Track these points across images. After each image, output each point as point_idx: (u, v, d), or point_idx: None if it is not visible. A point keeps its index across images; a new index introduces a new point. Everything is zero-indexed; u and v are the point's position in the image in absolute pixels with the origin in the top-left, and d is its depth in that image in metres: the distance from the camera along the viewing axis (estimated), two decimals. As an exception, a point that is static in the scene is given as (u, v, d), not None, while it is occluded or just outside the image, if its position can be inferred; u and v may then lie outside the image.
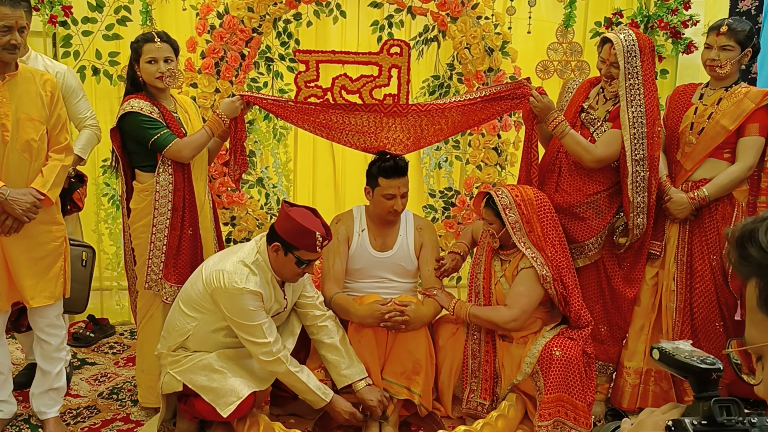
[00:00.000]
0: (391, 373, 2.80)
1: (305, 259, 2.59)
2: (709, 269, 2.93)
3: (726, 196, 2.91)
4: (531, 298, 2.79)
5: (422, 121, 2.94)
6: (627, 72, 2.81)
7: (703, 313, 2.96)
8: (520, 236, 2.81)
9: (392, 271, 3.04)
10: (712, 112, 2.90)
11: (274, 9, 3.49)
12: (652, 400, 3.11)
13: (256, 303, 2.56)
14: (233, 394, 2.58)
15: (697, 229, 2.97)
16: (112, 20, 3.60)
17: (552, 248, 2.81)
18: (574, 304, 2.84)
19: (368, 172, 3.00)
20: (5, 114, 2.57)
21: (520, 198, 2.82)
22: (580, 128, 3.00)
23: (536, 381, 2.78)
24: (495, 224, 2.86)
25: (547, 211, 2.85)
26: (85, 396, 3.22)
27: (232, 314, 2.57)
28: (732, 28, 2.84)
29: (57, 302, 2.79)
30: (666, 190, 2.98)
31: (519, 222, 2.80)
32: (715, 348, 2.94)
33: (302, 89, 3.28)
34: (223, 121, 2.87)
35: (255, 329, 2.57)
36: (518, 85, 2.92)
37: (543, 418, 2.69)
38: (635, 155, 2.84)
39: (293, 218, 2.55)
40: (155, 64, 2.81)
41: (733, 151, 2.90)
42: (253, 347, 2.61)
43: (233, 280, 2.53)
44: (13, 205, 2.57)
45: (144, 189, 2.88)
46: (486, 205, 2.89)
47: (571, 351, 2.74)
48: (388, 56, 3.37)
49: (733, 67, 2.88)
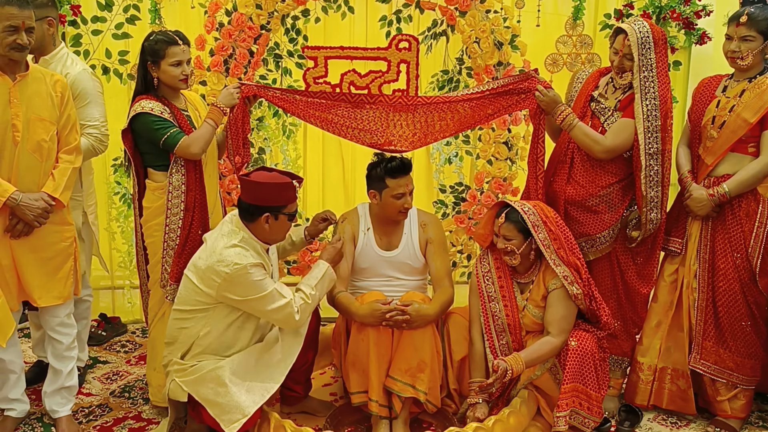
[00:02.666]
0: (396, 371, 2.78)
1: (293, 211, 2.64)
2: (733, 267, 2.85)
3: (750, 192, 2.80)
4: (572, 318, 2.76)
5: (428, 117, 2.91)
6: (641, 64, 2.76)
7: (729, 311, 2.88)
8: (551, 253, 2.73)
9: (399, 269, 3.03)
10: (735, 105, 2.80)
11: (282, 6, 3.48)
12: (668, 399, 3.06)
13: (261, 272, 2.55)
14: (238, 411, 2.51)
15: (720, 226, 2.88)
16: (122, 19, 3.61)
17: (581, 262, 2.77)
18: (603, 316, 2.79)
19: (370, 176, 2.96)
20: (16, 114, 2.58)
21: (544, 215, 2.75)
22: (590, 118, 2.96)
23: (555, 374, 2.77)
24: (516, 240, 2.75)
25: (565, 228, 2.81)
26: (97, 394, 3.23)
27: (245, 295, 2.54)
28: (752, 17, 2.73)
29: (67, 302, 2.81)
30: (687, 186, 2.92)
31: (548, 239, 2.73)
32: (744, 347, 2.89)
33: (311, 85, 3.27)
34: (222, 111, 2.85)
35: (271, 296, 2.56)
36: (526, 77, 2.89)
37: (561, 409, 2.66)
38: (649, 149, 2.79)
39: (265, 183, 2.56)
40: (180, 66, 2.81)
41: (758, 145, 2.79)
42: (277, 315, 2.59)
43: (233, 263, 2.50)
44: (25, 211, 2.58)
45: (158, 188, 2.88)
46: (507, 221, 2.77)
47: (586, 342, 2.71)
48: (396, 51, 3.35)
49: (755, 58, 2.76)
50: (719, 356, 2.91)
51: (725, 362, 2.91)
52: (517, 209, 2.75)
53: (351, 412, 3.00)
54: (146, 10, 3.61)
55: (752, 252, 2.80)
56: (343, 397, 3.16)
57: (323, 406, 3.06)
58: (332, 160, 4.23)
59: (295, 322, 2.63)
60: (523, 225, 2.73)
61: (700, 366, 2.94)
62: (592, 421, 2.73)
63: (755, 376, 2.94)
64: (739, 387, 2.92)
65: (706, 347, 2.93)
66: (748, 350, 2.90)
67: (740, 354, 2.89)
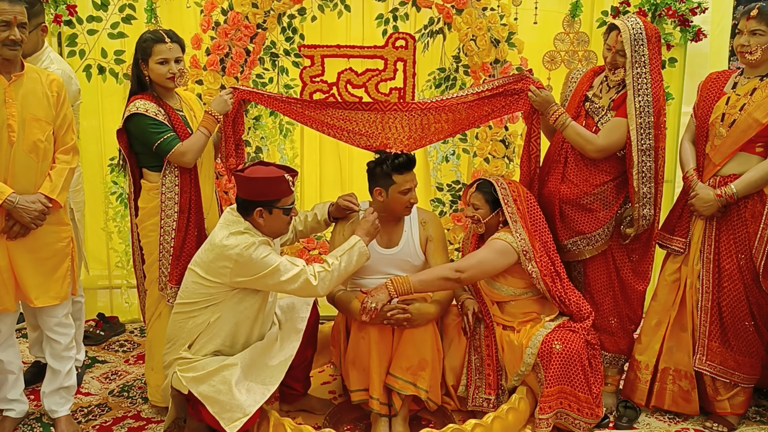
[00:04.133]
0: (398, 368, 2.79)
1: (288, 205, 2.61)
2: (737, 269, 2.83)
3: (756, 193, 2.78)
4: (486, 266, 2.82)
5: (423, 118, 2.92)
6: (634, 60, 2.76)
7: (733, 312, 2.86)
8: (516, 226, 2.86)
9: (399, 267, 3.03)
10: (745, 103, 2.76)
11: (278, 4, 3.48)
12: (671, 400, 3.04)
13: (267, 248, 2.55)
14: (239, 410, 2.50)
15: (724, 226, 2.86)
16: (117, 18, 3.60)
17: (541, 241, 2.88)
18: (571, 298, 2.86)
19: (375, 173, 2.95)
20: (11, 114, 2.57)
21: (517, 193, 2.91)
22: (584, 118, 2.96)
23: (537, 373, 2.78)
24: (482, 210, 2.94)
25: (535, 209, 2.95)
26: (96, 394, 3.23)
27: (256, 273, 2.52)
28: (763, 11, 2.70)
29: (65, 302, 2.80)
30: (692, 185, 2.90)
31: (515, 214, 2.87)
32: (745, 346, 2.89)
33: (308, 84, 3.26)
34: (216, 118, 2.86)
35: (283, 267, 2.54)
36: (520, 77, 2.90)
37: (543, 411, 2.71)
38: (641, 145, 2.79)
39: (255, 177, 2.55)
40: (166, 64, 2.80)
41: (766, 145, 2.76)
42: (293, 284, 2.56)
43: (241, 245, 2.50)
44: (22, 213, 2.57)
45: (152, 188, 2.87)
46: (477, 190, 2.96)
47: (572, 344, 2.73)
48: (393, 49, 3.34)
49: (765, 53, 2.73)
50: (723, 356, 2.90)
51: (727, 362, 2.90)
52: (491, 182, 2.94)
53: (350, 410, 3.01)
54: (142, 9, 3.60)
55: (756, 253, 2.78)
56: (342, 395, 3.16)
57: (322, 404, 3.06)
58: (329, 159, 4.23)
59: (314, 288, 2.59)
60: (491, 197, 2.92)
61: (706, 367, 2.92)
62: (583, 422, 2.75)
63: (755, 375, 2.94)
64: (740, 386, 2.92)
65: (713, 348, 2.91)
66: (749, 349, 2.89)
67: (741, 353, 2.89)
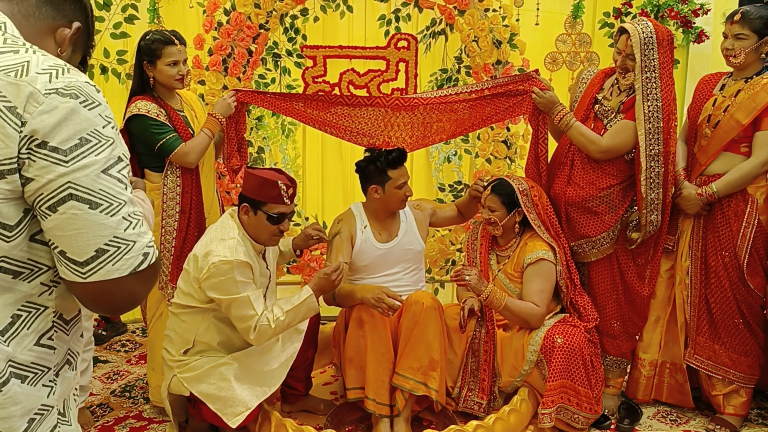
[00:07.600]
0: (408, 369, 2.77)
1: (275, 213, 2.53)
2: (722, 266, 2.87)
3: (739, 192, 2.81)
4: (549, 292, 2.86)
5: (426, 118, 2.92)
6: (643, 64, 2.74)
7: (721, 308, 2.90)
8: (538, 224, 2.88)
9: (399, 258, 3.03)
10: (729, 105, 2.80)
11: (280, 5, 3.48)
12: (668, 393, 3.10)
13: (245, 273, 2.48)
14: (241, 405, 2.51)
15: (710, 224, 2.91)
16: (120, 18, 3.60)
17: (560, 244, 2.90)
18: (580, 302, 2.89)
19: (368, 171, 2.95)
20: None
21: (537, 197, 2.92)
22: (593, 120, 2.95)
23: (542, 370, 2.78)
24: (499, 212, 2.91)
25: (551, 212, 2.97)
26: (97, 394, 3.23)
27: (221, 292, 2.46)
28: (746, 16, 2.74)
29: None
30: (679, 184, 2.93)
31: (537, 220, 2.88)
32: (738, 344, 2.90)
33: (310, 85, 3.27)
34: (219, 121, 2.88)
35: (243, 302, 2.47)
36: (526, 77, 2.90)
37: (546, 406, 2.71)
38: (650, 150, 2.77)
39: (254, 174, 2.53)
40: (176, 66, 2.81)
41: (750, 145, 2.79)
42: (238, 323, 2.51)
43: (224, 256, 2.45)
44: None
45: (154, 188, 2.87)
46: (492, 192, 2.93)
47: (573, 338, 2.74)
48: (395, 50, 3.36)
49: (749, 57, 2.76)
50: (714, 351, 2.93)
51: (720, 358, 2.92)
52: (507, 183, 2.92)
53: (352, 411, 3.01)
54: (144, 9, 3.60)
55: (739, 251, 2.82)
56: (344, 396, 3.15)
57: (324, 405, 3.06)
58: (331, 159, 4.23)
59: (250, 338, 2.53)
60: (507, 198, 2.90)
61: (694, 361, 2.97)
62: (582, 417, 2.75)
63: (754, 375, 2.94)
64: (736, 384, 2.93)
65: (700, 342, 2.96)
66: (743, 348, 2.90)
67: (735, 351, 2.90)
